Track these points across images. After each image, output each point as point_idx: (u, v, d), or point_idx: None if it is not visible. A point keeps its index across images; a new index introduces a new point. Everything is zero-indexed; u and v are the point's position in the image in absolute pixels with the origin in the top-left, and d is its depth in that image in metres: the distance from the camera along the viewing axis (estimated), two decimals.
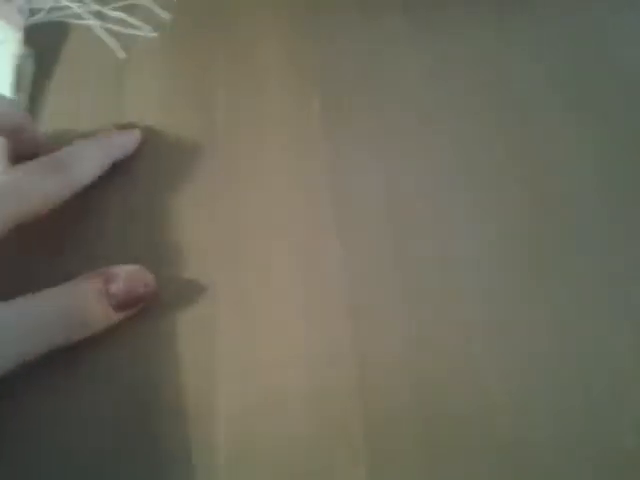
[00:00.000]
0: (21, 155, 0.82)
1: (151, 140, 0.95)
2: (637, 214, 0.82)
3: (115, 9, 1.09)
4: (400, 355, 0.73)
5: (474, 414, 0.68)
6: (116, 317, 0.70)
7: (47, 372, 0.70)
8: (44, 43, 1.08)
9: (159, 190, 0.89)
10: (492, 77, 0.98)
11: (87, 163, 0.82)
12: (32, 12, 1.11)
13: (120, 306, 0.69)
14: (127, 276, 0.70)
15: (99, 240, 0.82)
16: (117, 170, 0.89)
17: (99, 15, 1.10)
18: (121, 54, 1.03)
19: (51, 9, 1.12)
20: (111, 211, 0.86)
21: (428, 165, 0.90)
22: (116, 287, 0.68)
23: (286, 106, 0.97)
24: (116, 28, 1.07)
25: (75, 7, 1.09)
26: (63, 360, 0.69)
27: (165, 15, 1.06)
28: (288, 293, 0.78)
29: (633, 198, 0.84)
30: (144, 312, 0.73)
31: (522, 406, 0.69)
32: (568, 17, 1.05)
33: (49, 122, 0.97)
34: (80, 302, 0.67)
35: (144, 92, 1.02)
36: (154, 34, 1.06)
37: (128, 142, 0.89)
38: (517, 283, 0.77)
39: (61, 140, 0.95)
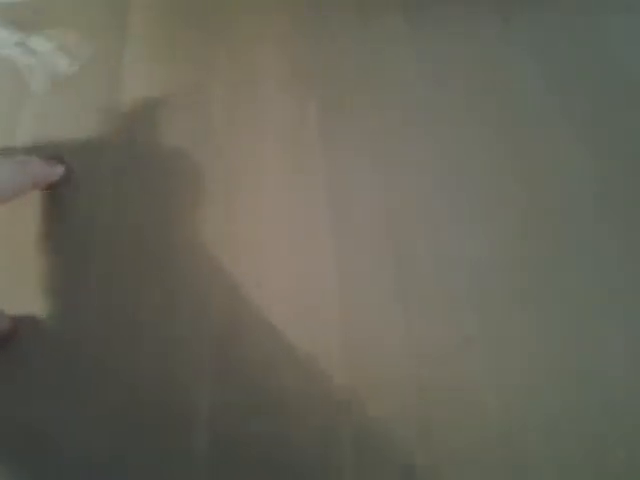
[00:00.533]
0: None
1: (147, 139, 0.95)
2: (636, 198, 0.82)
3: (40, 39, 1.05)
4: (395, 355, 0.73)
5: (471, 423, 0.68)
6: None
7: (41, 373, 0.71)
8: None
9: (155, 188, 0.89)
10: (492, 77, 0.98)
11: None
12: None
13: None
14: None
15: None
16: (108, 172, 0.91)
17: (21, 44, 1.04)
18: (35, 87, 1.00)
19: None
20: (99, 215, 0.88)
21: (427, 165, 0.89)
22: None
23: (286, 105, 0.97)
24: (36, 59, 1.02)
25: None
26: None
27: (88, 51, 1.04)
28: (286, 293, 0.78)
29: (633, 192, 0.84)
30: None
31: (518, 421, 0.67)
32: (568, 17, 1.05)
33: None
34: None
35: (141, 90, 1.01)
36: (74, 68, 1.02)
37: (51, 173, 0.90)
38: (515, 290, 0.76)
39: None
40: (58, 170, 0.92)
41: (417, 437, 0.65)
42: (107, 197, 0.90)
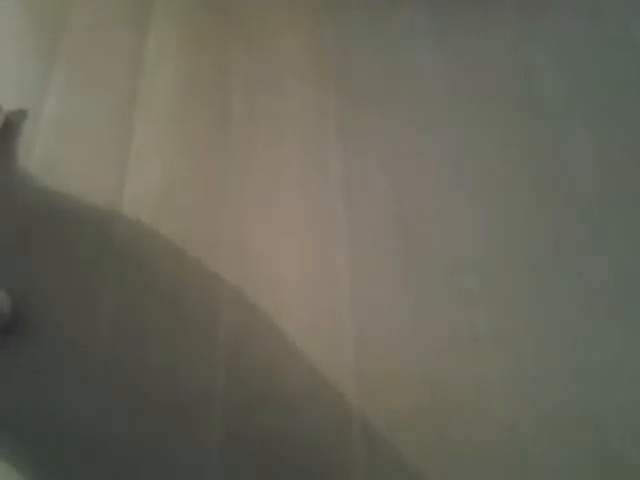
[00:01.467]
0: None
1: (166, 128, 0.97)
2: None
3: None
4: (405, 352, 0.73)
5: (477, 421, 0.68)
6: None
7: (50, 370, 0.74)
8: None
9: (170, 181, 0.90)
10: (511, 77, 0.97)
11: None
12: None
13: None
14: None
15: None
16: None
17: None
18: None
19: None
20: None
21: (440, 163, 0.89)
22: None
23: (305, 100, 0.98)
24: None
25: None
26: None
27: None
28: (298, 288, 0.79)
29: None
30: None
31: (525, 417, 0.67)
32: (590, 17, 1.03)
33: None
34: None
35: (163, 80, 1.03)
36: None
37: None
38: (526, 289, 0.77)
39: None
40: None
41: (430, 434, 0.66)
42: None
